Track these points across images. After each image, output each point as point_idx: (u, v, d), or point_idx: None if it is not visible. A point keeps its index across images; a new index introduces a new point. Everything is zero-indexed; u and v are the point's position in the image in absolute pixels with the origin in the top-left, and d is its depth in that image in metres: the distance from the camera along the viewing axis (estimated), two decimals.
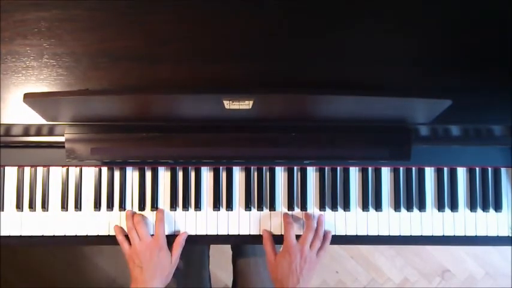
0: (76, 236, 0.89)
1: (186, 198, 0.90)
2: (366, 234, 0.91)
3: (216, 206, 0.90)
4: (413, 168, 0.92)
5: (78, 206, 0.89)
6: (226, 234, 0.90)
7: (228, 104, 0.70)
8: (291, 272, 0.82)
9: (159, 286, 0.83)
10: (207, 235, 0.90)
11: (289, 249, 0.83)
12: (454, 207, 0.91)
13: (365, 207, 0.91)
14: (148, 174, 0.90)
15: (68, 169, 0.90)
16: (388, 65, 0.81)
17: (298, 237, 0.87)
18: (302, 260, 0.83)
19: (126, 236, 0.87)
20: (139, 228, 0.85)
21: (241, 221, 0.90)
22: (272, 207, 0.90)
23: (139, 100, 0.73)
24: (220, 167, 0.91)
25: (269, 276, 0.87)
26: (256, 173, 0.91)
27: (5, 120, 0.79)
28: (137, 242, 0.84)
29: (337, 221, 0.91)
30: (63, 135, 0.81)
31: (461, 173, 0.92)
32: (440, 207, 0.91)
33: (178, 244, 0.87)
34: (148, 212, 0.90)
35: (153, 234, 0.87)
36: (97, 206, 0.89)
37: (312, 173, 0.91)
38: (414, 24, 0.81)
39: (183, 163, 0.90)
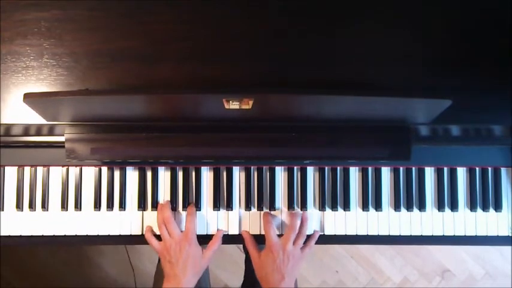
0: (76, 236, 0.89)
1: (186, 198, 0.90)
2: (365, 234, 0.91)
3: (216, 206, 0.90)
4: (413, 168, 0.92)
5: (78, 206, 0.89)
6: (227, 234, 0.90)
7: (228, 104, 0.70)
8: (275, 269, 0.82)
9: (190, 280, 0.83)
10: (207, 235, 0.90)
11: (271, 247, 0.84)
12: (454, 207, 0.91)
13: (365, 207, 0.91)
14: (148, 174, 0.90)
15: (68, 169, 0.90)
16: (388, 65, 0.81)
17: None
18: (285, 257, 0.83)
19: (158, 235, 0.88)
20: (168, 224, 0.85)
21: (241, 221, 0.90)
22: (272, 207, 0.90)
23: (139, 100, 0.73)
24: (220, 167, 0.91)
25: None
26: (256, 173, 0.91)
27: (5, 120, 0.79)
28: (167, 238, 0.85)
29: (337, 221, 0.91)
30: (63, 135, 0.81)
31: (461, 173, 0.92)
32: (440, 207, 0.91)
33: (216, 241, 0.87)
34: (148, 212, 0.90)
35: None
36: (97, 206, 0.89)
37: (312, 173, 0.91)
38: (414, 24, 0.81)
39: (183, 163, 0.90)
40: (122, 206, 0.90)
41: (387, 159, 0.82)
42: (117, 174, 0.90)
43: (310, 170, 0.91)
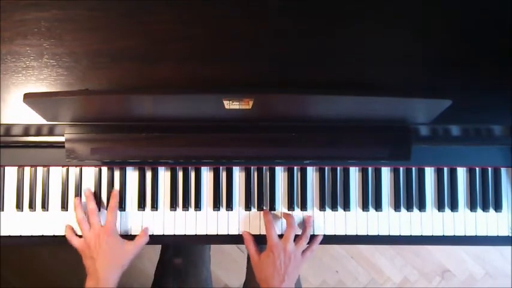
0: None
1: (186, 198, 0.90)
2: (365, 234, 0.91)
3: (216, 206, 0.90)
4: (413, 168, 0.92)
5: None
6: (226, 234, 0.90)
7: (228, 104, 0.70)
8: (276, 270, 0.82)
9: (111, 274, 0.81)
10: (207, 235, 0.90)
11: (272, 248, 0.83)
12: (454, 207, 0.91)
13: (365, 207, 0.91)
14: (148, 174, 0.90)
15: (68, 169, 0.90)
16: (388, 65, 0.81)
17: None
18: (286, 258, 0.82)
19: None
20: (91, 217, 0.84)
21: (242, 220, 0.90)
22: (272, 207, 0.90)
23: (139, 100, 0.73)
24: (220, 167, 0.91)
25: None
26: (256, 173, 0.91)
27: (5, 120, 0.79)
28: (87, 232, 0.83)
29: (337, 221, 0.91)
30: (63, 135, 0.81)
31: (461, 173, 0.92)
32: (440, 207, 0.91)
33: (142, 235, 0.86)
34: (148, 212, 0.90)
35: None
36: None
37: (312, 173, 0.91)
38: (414, 24, 0.81)
39: (183, 163, 0.90)
40: (122, 206, 0.89)
41: (387, 159, 0.82)
42: (117, 174, 0.90)
43: (310, 170, 0.91)
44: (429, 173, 0.92)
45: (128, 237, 0.89)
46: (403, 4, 0.81)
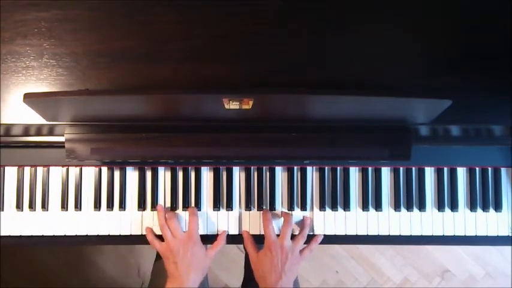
0: (76, 236, 0.89)
1: (186, 198, 0.90)
2: (365, 234, 0.91)
3: (216, 206, 0.90)
4: (413, 168, 0.92)
5: (78, 206, 0.89)
6: (227, 234, 0.90)
7: (228, 104, 0.70)
8: (273, 268, 0.82)
9: (194, 280, 0.83)
10: (207, 235, 0.90)
11: (269, 246, 0.84)
12: (454, 207, 0.91)
13: (365, 207, 0.91)
14: (148, 174, 0.90)
15: (68, 169, 0.90)
16: (388, 65, 0.81)
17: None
18: (283, 255, 0.83)
19: (158, 235, 0.88)
20: (171, 224, 0.86)
21: (241, 221, 0.90)
22: (272, 207, 0.90)
23: (139, 100, 0.73)
24: (220, 167, 0.91)
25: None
26: (256, 173, 0.91)
27: (5, 120, 0.79)
28: (170, 239, 0.85)
29: (337, 221, 0.91)
30: (63, 135, 0.81)
31: (461, 173, 0.92)
32: (440, 207, 0.91)
33: (220, 241, 0.88)
34: (148, 212, 0.90)
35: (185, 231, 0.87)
36: (97, 206, 0.89)
37: (312, 173, 0.91)
38: (414, 24, 0.81)
39: (183, 163, 0.90)
40: (122, 206, 0.90)
41: (387, 159, 0.82)
42: (117, 174, 0.90)
43: (310, 170, 0.91)
44: (429, 173, 0.92)
45: (127, 237, 0.89)
46: (403, 4, 0.81)
